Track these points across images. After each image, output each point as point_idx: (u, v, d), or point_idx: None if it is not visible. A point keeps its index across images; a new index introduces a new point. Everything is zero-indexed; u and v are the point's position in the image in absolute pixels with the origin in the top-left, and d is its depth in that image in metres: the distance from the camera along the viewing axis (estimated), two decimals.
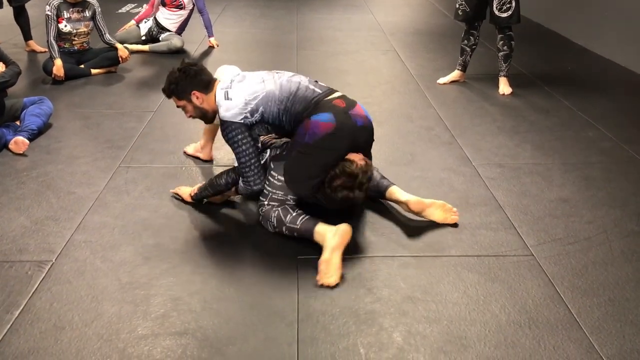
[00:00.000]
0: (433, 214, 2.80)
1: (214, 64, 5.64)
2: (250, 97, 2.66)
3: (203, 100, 2.78)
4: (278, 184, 2.68)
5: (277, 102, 2.66)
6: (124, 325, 2.12)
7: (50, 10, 4.82)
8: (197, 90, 2.76)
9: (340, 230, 2.47)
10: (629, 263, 2.53)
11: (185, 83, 2.75)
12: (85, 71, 5.06)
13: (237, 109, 2.64)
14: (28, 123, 3.71)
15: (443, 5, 8.86)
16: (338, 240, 2.45)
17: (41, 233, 2.71)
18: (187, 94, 2.76)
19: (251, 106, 2.65)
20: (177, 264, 2.48)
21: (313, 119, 2.60)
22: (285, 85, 2.70)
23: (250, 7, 8.68)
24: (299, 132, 2.63)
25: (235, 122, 2.65)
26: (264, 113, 2.67)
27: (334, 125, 2.58)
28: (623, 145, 3.75)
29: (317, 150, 2.59)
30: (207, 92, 2.77)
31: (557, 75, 5.27)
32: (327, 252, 2.42)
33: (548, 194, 3.12)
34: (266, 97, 2.66)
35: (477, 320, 2.17)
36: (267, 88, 2.68)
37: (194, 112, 2.83)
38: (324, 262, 2.40)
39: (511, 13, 4.53)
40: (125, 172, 3.32)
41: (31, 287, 2.32)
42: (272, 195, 2.70)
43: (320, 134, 2.57)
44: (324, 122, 2.58)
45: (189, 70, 2.76)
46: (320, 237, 2.51)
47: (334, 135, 2.58)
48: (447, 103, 4.52)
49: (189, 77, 2.74)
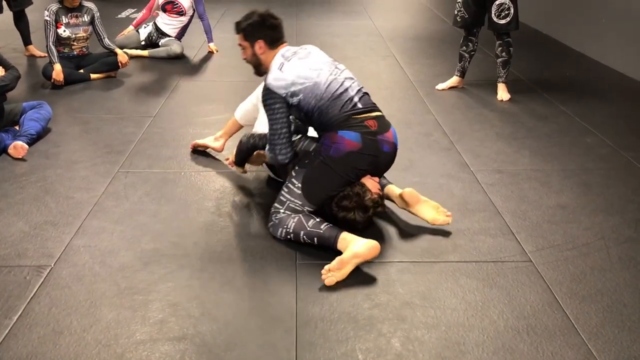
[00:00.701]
0: (424, 212, 2.79)
1: (214, 69, 5.67)
2: (298, 80, 2.71)
3: (264, 52, 2.83)
4: (298, 192, 2.68)
5: (317, 98, 2.71)
6: (123, 330, 2.12)
7: (49, 15, 4.83)
8: (264, 40, 2.81)
9: (371, 244, 2.45)
10: (626, 269, 2.53)
11: (258, 29, 2.81)
12: (84, 76, 5.07)
13: (283, 83, 2.70)
14: (27, 128, 3.72)
15: (441, 11, 8.89)
16: (364, 250, 2.43)
17: (40, 238, 2.71)
18: (254, 38, 2.82)
19: (295, 89, 2.70)
20: (176, 269, 2.48)
21: (340, 133, 2.65)
22: (332, 85, 2.74)
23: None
24: (325, 142, 2.68)
25: (275, 92, 2.70)
26: (301, 101, 2.71)
27: (360, 146, 2.63)
28: (621, 151, 3.76)
29: (339, 165, 2.64)
30: (271, 48, 2.83)
31: (555, 82, 5.29)
32: (349, 254, 2.41)
33: (546, 200, 3.12)
34: (311, 88, 2.71)
35: (475, 326, 2.17)
36: (316, 80, 2.73)
37: (251, 58, 2.89)
38: (341, 260, 2.40)
39: (510, 19, 4.55)
40: (124, 177, 3.33)
41: (30, 292, 2.32)
42: (289, 204, 2.68)
43: (344, 151, 2.63)
44: (350, 140, 2.63)
45: (267, 19, 2.82)
46: (345, 243, 2.50)
47: (357, 155, 2.64)
48: (446, 109, 4.53)
49: (264, 26, 2.81)
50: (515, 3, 4.54)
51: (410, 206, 2.83)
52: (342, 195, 2.66)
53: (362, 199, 2.64)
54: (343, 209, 2.66)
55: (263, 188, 3.22)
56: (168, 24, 6.04)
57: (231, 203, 3.05)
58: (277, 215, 2.69)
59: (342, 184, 2.67)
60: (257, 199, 3.10)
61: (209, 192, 3.16)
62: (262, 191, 3.19)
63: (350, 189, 2.66)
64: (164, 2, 5.97)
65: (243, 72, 5.53)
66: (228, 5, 9.00)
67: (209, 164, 3.51)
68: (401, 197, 2.83)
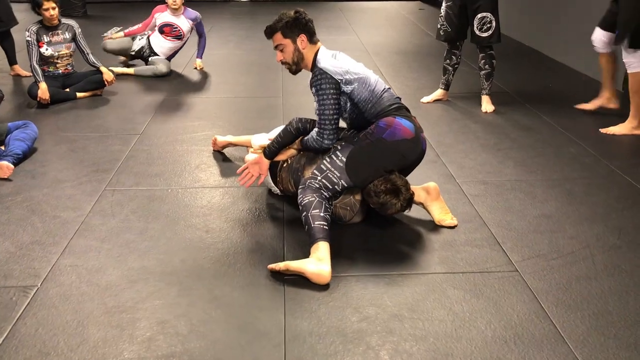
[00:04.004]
0: (435, 210, 2.98)
1: (200, 86, 5.68)
2: (353, 70, 2.86)
3: (306, 46, 2.91)
4: (339, 164, 2.78)
5: (369, 90, 2.87)
6: (110, 349, 2.11)
7: (30, 35, 4.85)
8: (305, 35, 2.90)
9: (321, 272, 2.47)
10: (611, 277, 2.56)
11: (297, 24, 2.89)
12: (70, 95, 5.07)
13: (339, 70, 2.83)
14: (13, 147, 3.70)
15: (425, 25, 8.99)
16: (311, 272, 2.47)
17: (26, 258, 2.69)
18: (295, 34, 2.89)
19: (349, 77, 2.83)
20: (163, 287, 2.48)
21: (398, 119, 2.81)
22: (380, 83, 2.94)
23: (235, 28, 8.76)
24: (380, 124, 2.81)
25: (331, 76, 2.81)
26: (354, 90, 2.84)
27: (413, 135, 2.81)
28: (604, 160, 3.80)
29: (388, 150, 2.77)
30: (311, 42, 2.93)
31: (538, 93, 5.35)
32: (298, 266, 2.50)
33: (531, 210, 3.15)
34: (364, 80, 2.87)
35: (463, 336, 2.18)
36: (368, 74, 2.91)
37: (292, 54, 2.94)
38: (287, 266, 2.51)
39: (491, 33, 4.61)
40: (110, 195, 3.32)
41: (16, 312, 2.31)
42: (328, 174, 2.78)
43: (399, 136, 2.78)
44: (407, 127, 2.80)
45: (302, 15, 2.91)
46: (313, 253, 2.55)
47: (409, 143, 2.79)
48: (431, 121, 4.57)
49: (302, 20, 2.89)
50: (496, 16, 4.61)
51: (429, 200, 2.97)
52: (378, 180, 2.77)
53: (394, 182, 2.76)
54: (377, 194, 2.76)
55: (250, 204, 3.23)
56: (162, 45, 5.91)
57: (218, 219, 3.05)
58: (313, 182, 2.77)
59: (385, 168, 2.78)
60: (244, 215, 3.11)
61: (196, 209, 3.16)
62: (249, 207, 3.19)
63: (386, 175, 2.79)
64: (163, 24, 5.83)
65: (229, 88, 5.57)
66: (214, 22, 9.05)
67: (196, 181, 3.52)
68: (425, 189, 2.97)
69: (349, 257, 2.71)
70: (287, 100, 5.13)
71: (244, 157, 3.77)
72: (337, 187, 2.79)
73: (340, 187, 2.80)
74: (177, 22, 5.85)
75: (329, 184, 2.77)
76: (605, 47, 4.48)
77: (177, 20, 5.85)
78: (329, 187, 2.77)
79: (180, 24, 5.86)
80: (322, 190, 2.75)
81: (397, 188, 2.76)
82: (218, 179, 3.56)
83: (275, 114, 4.72)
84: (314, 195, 2.71)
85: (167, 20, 5.84)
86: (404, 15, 10.17)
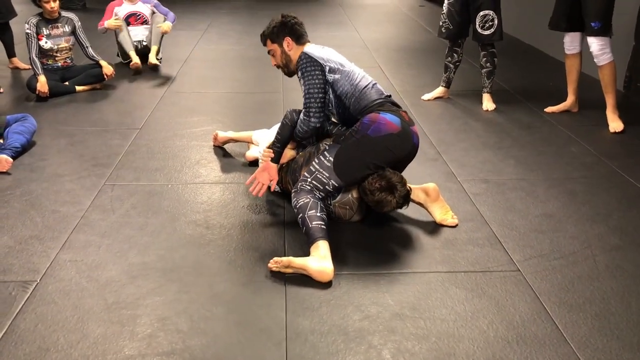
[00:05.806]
0: (436, 211, 2.96)
1: (199, 81, 5.65)
2: (337, 60, 2.92)
3: (292, 48, 2.99)
4: (327, 164, 2.78)
5: (352, 84, 2.89)
6: (110, 346, 2.09)
7: (30, 28, 4.82)
8: (290, 37, 2.98)
9: (325, 269, 2.45)
10: (613, 277, 2.55)
11: (282, 28, 2.98)
12: (69, 88, 5.04)
13: (323, 56, 2.90)
14: (11, 141, 3.68)
15: (426, 22, 8.97)
16: (315, 270, 2.45)
17: (25, 253, 2.67)
18: (281, 38, 2.98)
19: (333, 65, 2.88)
20: (164, 283, 2.46)
21: (382, 114, 2.78)
22: (366, 79, 2.94)
23: (234, 23, 8.72)
24: (364, 122, 2.79)
25: (316, 60, 2.86)
26: (337, 81, 2.88)
27: (399, 129, 2.76)
28: (605, 160, 3.80)
29: (375, 146, 2.75)
30: (298, 43, 2.99)
31: (539, 91, 5.34)
32: (301, 264, 2.47)
33: (533, 209, 3.15)
34: (347, 73, 2.90)
35: (465, 336, 2.17)
36: (352, 69, 2.94)
37: (281, 58, 3.04)
38: (290, 262, 2.48)
39: (494, 30, 4.60)
40: (110, 190, 3.30)
41: (15, 308, 2.29)
42: (317, 175, 2.78)
43: (384, 131, 2.75)
44: (392, 122, 2.77)
45: (288, 19, 3.00)
46: (313, 252, 2.53)
47: (396, 137, 2.76)
48: (432, 119, 4.55)
49: (287, 24, 2.98)
50: (499, 14, 4.60)
51: (429, 201, 2.96)
52: (372, 178, 2.74)
53: (389, 179, 2.73)
54: (372, 191, 2.74)
55: (251, 201, 3.21)
56: (138, 34, 5.98)
57: (219, 216, 3.04)
58: (304, 184, 2.77)
59: (372, 166, 2.75)
60: (245, 212, 3.09)
61: (196, 205, 3.15)
62: (250, 204, 3.18)
63: (378, 172, 2.76)
64: (127, 15, 5.93)
65: (228, 83, 5.54)
66: (213, 17, 9.02)
67: (197, 177, 3.50)
68: (425, 191, 2.95)
69: (350, 255, 2.70)
70: (287, 96, 5.11)
71: (245, 153, 3.76)
72: (328, 187, 2.77)
73: (331, 187, 2.78)
74: (138, 9, 5.99)
75: (320, 185, 2.76)
76: (575, 47, 4.55)
77: (137, 7, 5.99)
78: (320, 187, 2.76)
79: (142, 9, 6.01)
80: (314, 191, 2.75)
81: (392, 185, 2.73)
82: (218, 174, 3.54)
83: (275, 110, 4.70)
84: (308, 197, 2.70)
85: (128, 10, 5.97)
86: (404, 12, 10.14)
